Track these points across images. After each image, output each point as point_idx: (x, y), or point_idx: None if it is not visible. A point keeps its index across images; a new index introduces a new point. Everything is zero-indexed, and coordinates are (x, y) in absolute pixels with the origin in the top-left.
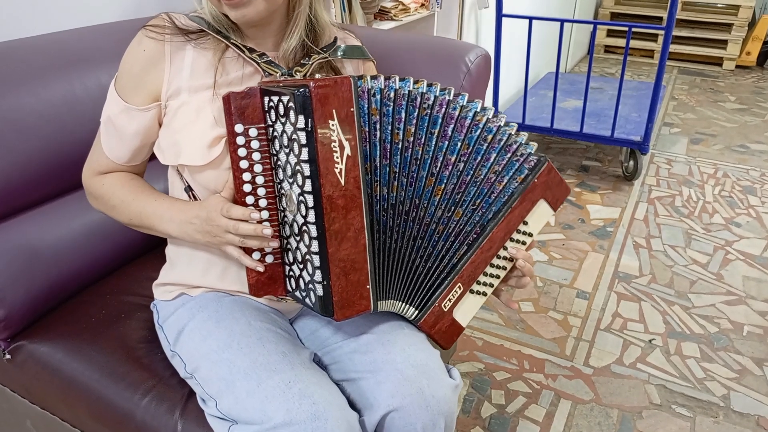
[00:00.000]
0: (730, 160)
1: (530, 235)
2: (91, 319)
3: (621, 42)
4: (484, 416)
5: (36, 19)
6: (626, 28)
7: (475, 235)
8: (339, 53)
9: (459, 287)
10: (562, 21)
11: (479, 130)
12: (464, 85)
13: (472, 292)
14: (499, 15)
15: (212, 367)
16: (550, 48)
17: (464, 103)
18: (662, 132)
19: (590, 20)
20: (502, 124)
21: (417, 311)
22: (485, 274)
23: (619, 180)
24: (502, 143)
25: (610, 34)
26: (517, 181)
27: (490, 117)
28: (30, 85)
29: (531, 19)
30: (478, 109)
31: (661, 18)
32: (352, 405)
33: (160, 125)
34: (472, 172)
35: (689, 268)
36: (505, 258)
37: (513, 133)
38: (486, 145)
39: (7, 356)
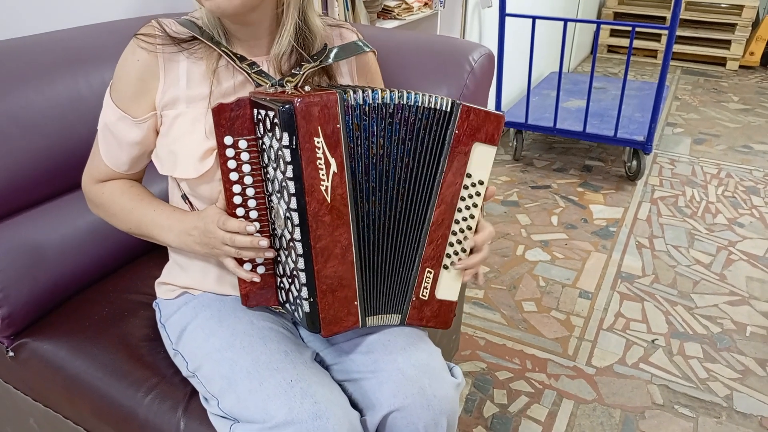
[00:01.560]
0: (733, 161)
1: (481, 183)
2: (94, 317)
3: (624, 42)
4: (486, 416)
5: (41, 18)
6: (630, 28)
7: (422, 216)
8: (331, 58)
9: (429, 271)
10: (566, 20)
11: (420, 122)
12: (468, 84)
13: (445, 267)
14: (503, 14)
15: (214, 365)
16: (554, 47)
17: (411, 101)
18: (665, 132)
19: (594, 20)
20: (432, 105)
21: (399, 315)
22: (451, 244)
23: (622, 180)
24: (429, 120)
25: (614, 33)
26: (438, 144)
27: (426, 105)
28: (35, 83)
29: (534, 18)
30: (419, 103)
31: (664, 18)
32: (354, 405)
33: (157, 133)
34: (416, 164)
35: (692, 268)
36: (464, 219)
37: (437, 106)
38: (425, 132)
39: (11, 354)
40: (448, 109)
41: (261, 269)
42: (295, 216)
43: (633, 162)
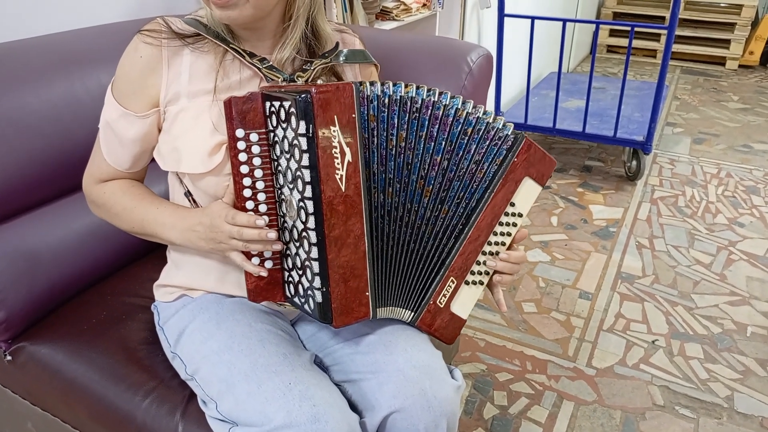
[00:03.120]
0: (733, 160)
1: (520, 215)
2: (91, 321)
3: (623, 42)
4: (486, 417)
5: (38, 20)
6: (629, 28)
7: (461, 227)
8: (341, 58)
9: (452, 281)
10: (565, 21)
11: (460, 125)
12: (466, 85)
13: (467, 283)
14: (501, 15)
15: (213, 368)
16: (553, 48)
17: (447, 102)
18: (665, 132)
19: (593, 20)
20: (480, 115)
21: (412, 313)
22: (478, 263)
23: (621, 180)
24: (480, 133)
25: (613, 33)
26: (496, 165)
27: (469, 110)
28: (31, 85)
29: (533, 18)
30: (459, 105)
31: (663, 17)
32: (354, 406)
33: (159, 130)
34: (455, 168)
35: (692, 268)
36: (496, 243)
37: (491, 120)
38: (467, 138)
39: (8, 358)
40: (509, 134)
41: (268, 264)
42: (310, 205)
43: (633, 162)
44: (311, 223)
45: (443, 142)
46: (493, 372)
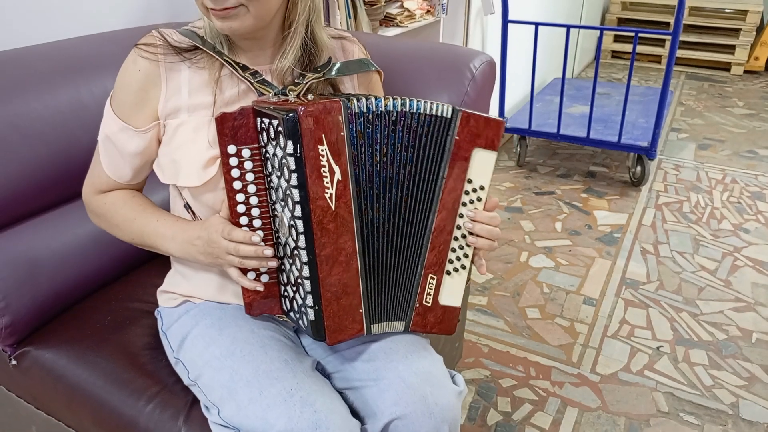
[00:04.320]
0: (738, 166)
1: (482, 188)
2: (95, 326)
3: (628, 47)
4: (490, 423)
5: (43, 27)
6: (633, 34)
7: (424, 222)
8: (333, 72)
9: (432, 277)
10: (569, 26)
11: (422, 129)
12: (469, 91)
13: (448, 273)
14: (505, 21)
15: (215, 374)
16: (557, 53)
17: (414, 109)
18: (670, 137)
19: (597, 26)
20: (434, 112)
21: (404, 322)
22: (453, 250)
23: (626, 186)
24: (431, 127)
25: (617, 39)
26: (441, 150)
27: (428, 111)
28: (37, 91)
29: (537, 24)
30: (422, 110)
31: (668, 23)
32: (355, 413)
33: (159, 143)
34: (419, 171)
35: (697, 274)
36: (466, 225)
37: (440, 113)
38: (426, 139)
39: (13, 362)
40: (449, 116)
41: (265, 278)
42: (300, 224)
43: (637, 168)
44: (302, 242)
45: (413, 150)
46: (497, 378)
